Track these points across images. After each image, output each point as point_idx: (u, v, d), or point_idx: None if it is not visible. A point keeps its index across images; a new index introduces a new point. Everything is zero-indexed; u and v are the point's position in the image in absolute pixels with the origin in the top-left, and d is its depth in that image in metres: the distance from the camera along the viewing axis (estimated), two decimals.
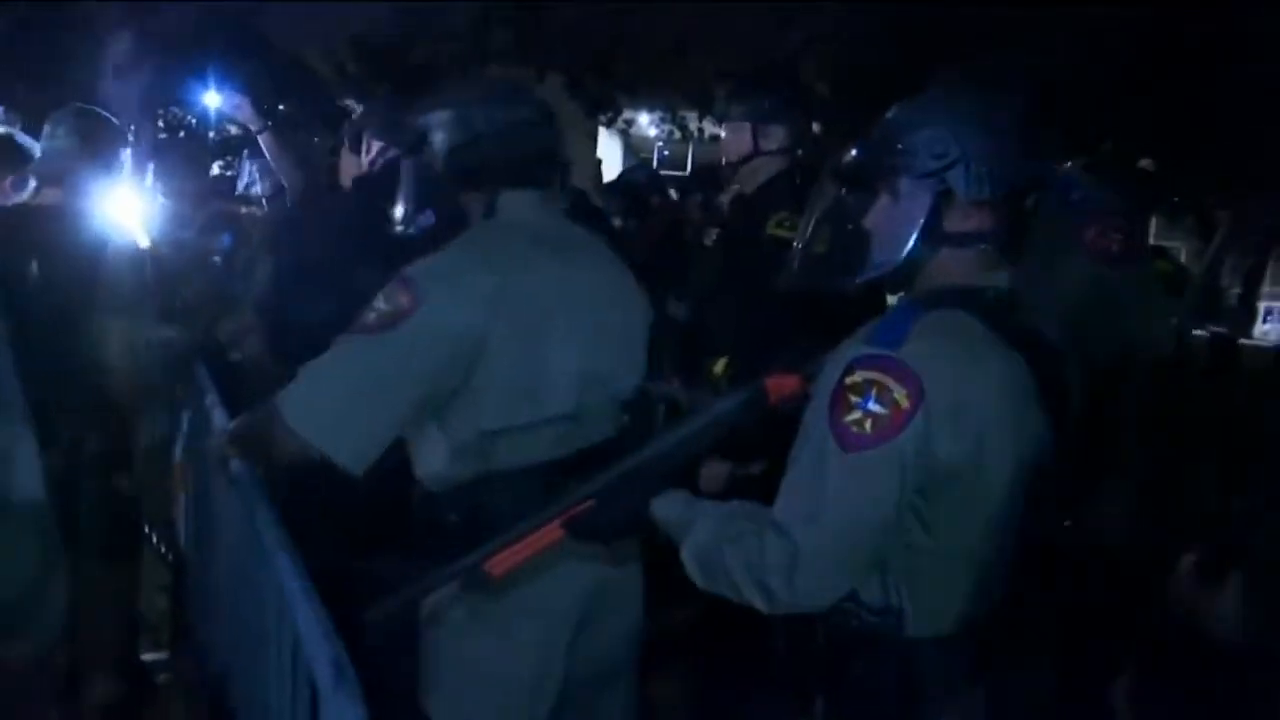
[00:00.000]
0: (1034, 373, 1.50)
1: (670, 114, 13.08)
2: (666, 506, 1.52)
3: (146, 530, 3.81)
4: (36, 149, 3.48)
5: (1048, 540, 1.63)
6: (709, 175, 5.40)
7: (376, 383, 1.79)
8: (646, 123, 14.33)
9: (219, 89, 4.50)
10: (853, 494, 1.40)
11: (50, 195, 3.09)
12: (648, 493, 1.53)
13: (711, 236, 4.65)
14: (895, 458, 1.39)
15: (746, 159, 3.15)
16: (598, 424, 1.96)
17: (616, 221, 4.15)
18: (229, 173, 6.33)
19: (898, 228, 1.52)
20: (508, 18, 10.83)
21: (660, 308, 3.76)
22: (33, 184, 3.21)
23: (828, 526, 1.39)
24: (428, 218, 2.06)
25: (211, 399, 2.88)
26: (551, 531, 1.51)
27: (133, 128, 7.25)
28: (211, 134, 4.52)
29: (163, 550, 3.88)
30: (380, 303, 1.81)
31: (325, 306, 2.77)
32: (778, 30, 9.75)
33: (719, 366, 2.95)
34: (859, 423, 1.40)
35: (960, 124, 1.51)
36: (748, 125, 3.13)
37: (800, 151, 3.20)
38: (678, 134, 13.37)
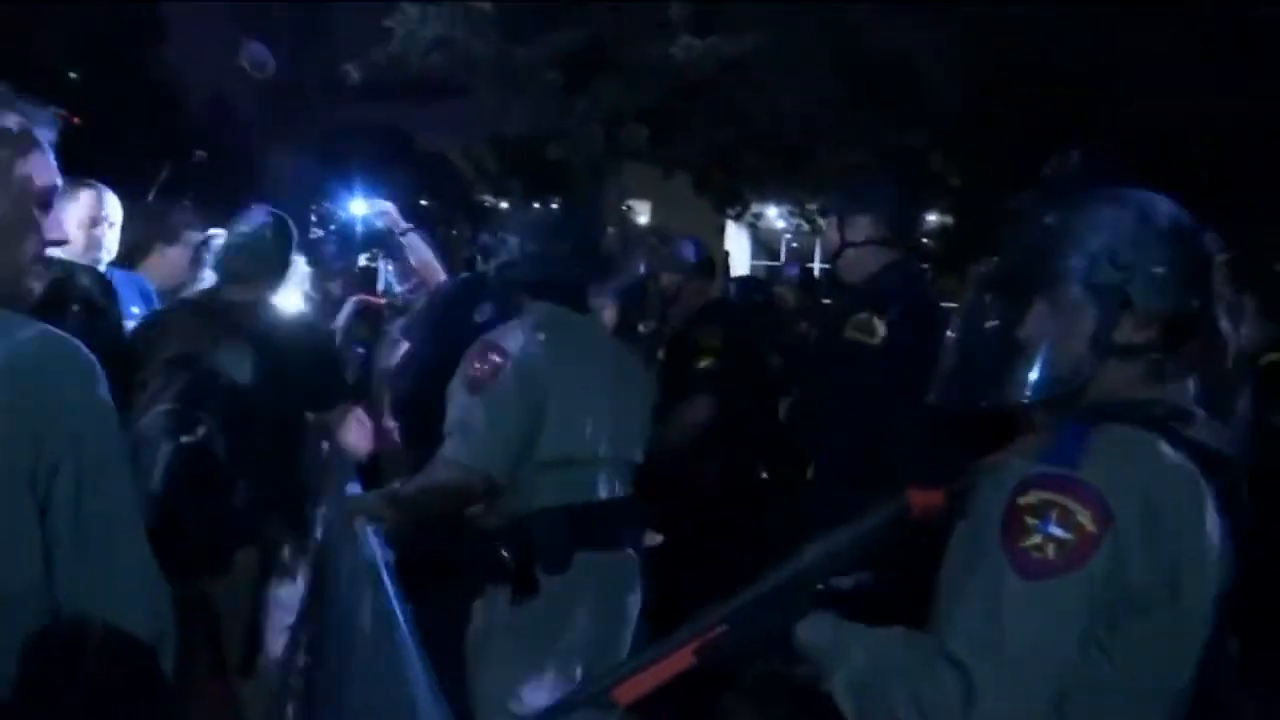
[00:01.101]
0: (1213, 490, 1.39)
1: (798, 207, 13.14)
2: (813, 630, 1.45)
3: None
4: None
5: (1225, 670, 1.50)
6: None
7: (494, 419, 2.44)
8: (774, 216, 14.43)
9: (366, 195, 4.79)
10: (1036, 625, 1.29)
11: (239, 291, 3.17)
12: (786, 615, 1.46)
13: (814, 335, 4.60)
14: (1083, 586, 1.29)
15: (836, 254, 3.10)
16: (620, 478, 2.59)
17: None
18: (373, 264, 6.64)
19: (1065, 340, 1.43)
20: (639, 117, 11.13)
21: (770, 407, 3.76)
22: (208, 275, 3.43)
23: (1007, 661, 1.29)
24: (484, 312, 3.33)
25: (353, 485, 3.02)
26: (682, 658, 1.45)
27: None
28: (358, 229, 4.78)
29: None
30: (475, 364, 2.46)
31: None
32: (905, 123, 9.75)
33: (809, 471, 2.94)
34: (1039, 548, 1.30)
35: (1139, 229, 1.43)
36: (835, 218, 3.13)
37: (918, 243, 3.16)
38: (806, 227, 13.39)
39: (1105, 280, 1.41)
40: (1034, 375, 1.45)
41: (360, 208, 5.17)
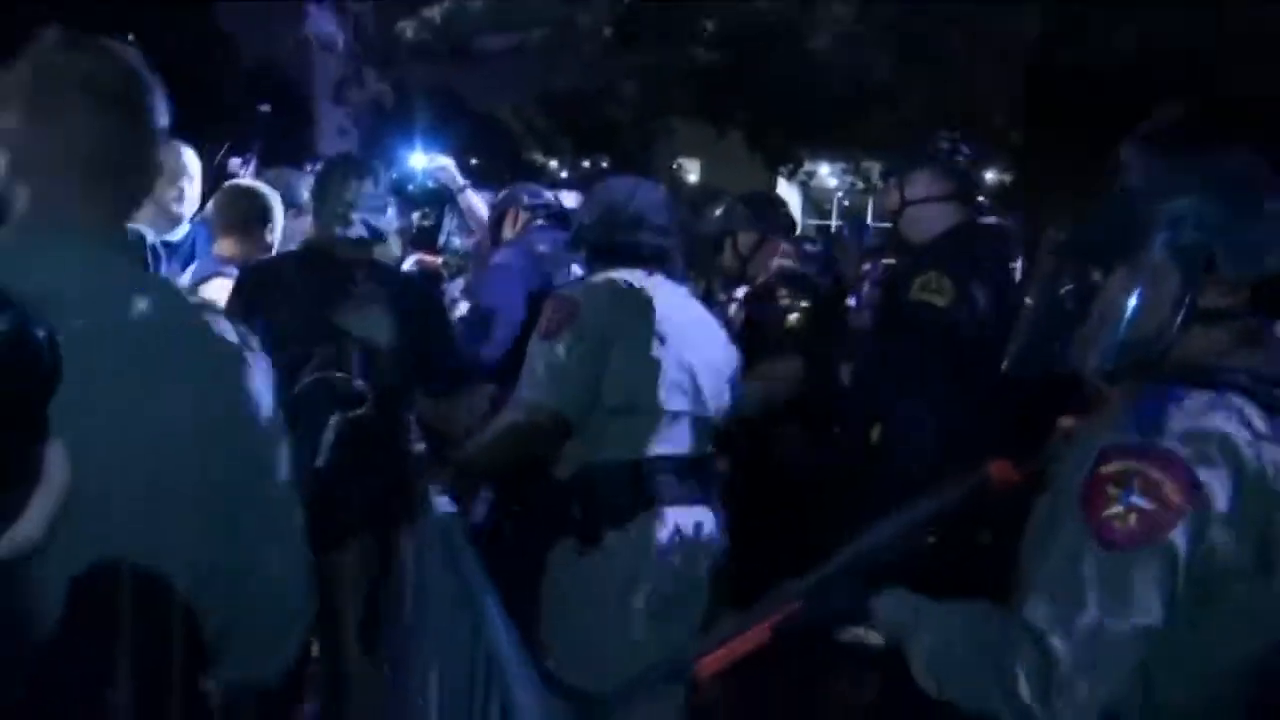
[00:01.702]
0: None
1: (851, 165, 12.97)
2: (891, 605, 1.45)
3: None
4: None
5: None
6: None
7: (562, 365, 2.45)
8: (827, 174, 14.27)
9: (425, 151, 4.81)
10: (1118, 596, 1.27)
11: (351, 245, 2.85)
12: (862, 589, 1.47)
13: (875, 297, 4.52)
14: (1166, 557, 1.25)
15: (897, 212, 3.01)
16: (697, 435, 2.57)
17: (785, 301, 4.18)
18: (426, 223, 6.68)
19: (1147, 305, 1.38)
20: (690, 75, 11.03)
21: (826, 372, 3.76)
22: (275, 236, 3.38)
23: (1089, 633, 1.26)
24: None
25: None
26: (760, 634, 1.48)
27: None
28: (410, 187, 4.77)
29: None
30: (550, 312, 2.52)
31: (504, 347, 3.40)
32: (963, 78, 9.55)
33: (875, 433, 2.88)
34: (1121, 518, 1.26)
35: (1228, 188, 1.37)
36: (894, 178, 3.02)
37: (977, 199, 3.05)
38: (860, 185, 13.23)
39: (1188, 243, 1.36)
40: (1114, 341, 1.41)
41: (418, 163, 5.18)
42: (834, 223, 18.43)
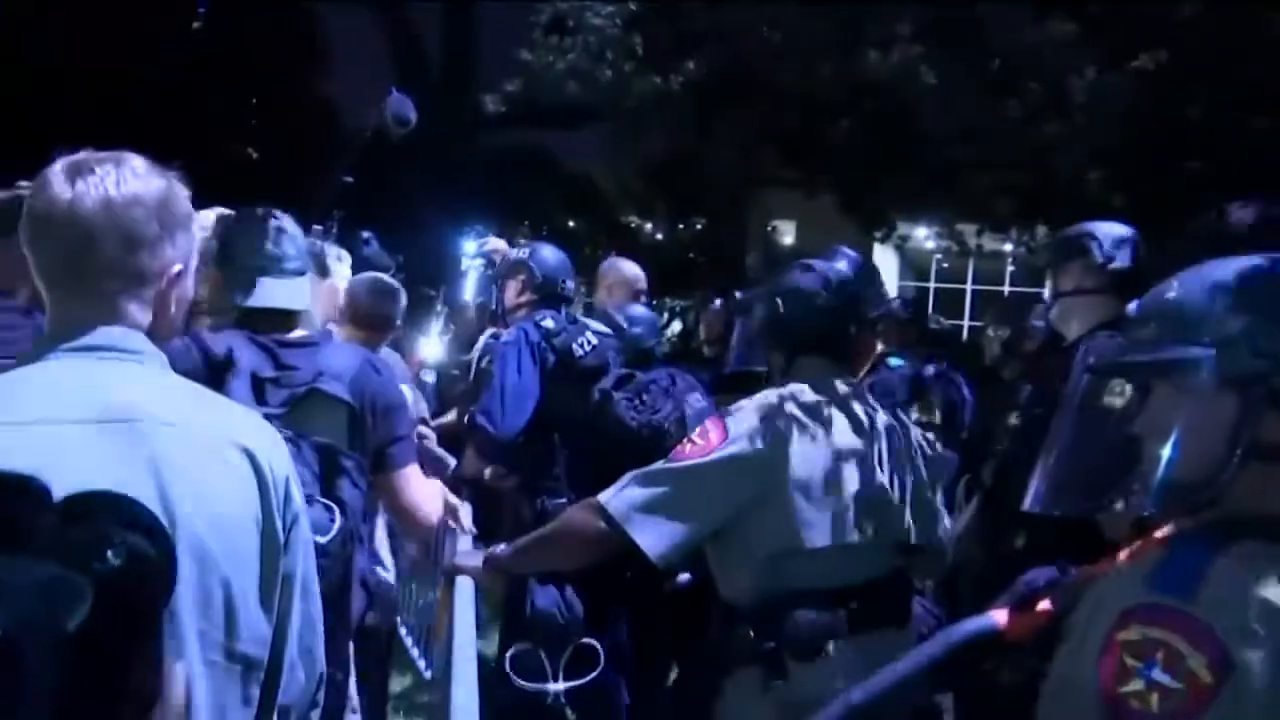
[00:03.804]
0: None
1: (947, 228, 12.60)
2: None
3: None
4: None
5: None
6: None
7: (688, 498, 2.17)
8: (923, 237, 13.91)
9: (498, 232, 4.82)
10: None
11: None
12: None
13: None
14: None
15: (1050, 305, 2.97)
16: (875, 561, 2.30)
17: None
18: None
19: (1196, 437, 1.19)
20: (779, 139, 10.90)
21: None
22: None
23: None
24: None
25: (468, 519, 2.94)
26: None
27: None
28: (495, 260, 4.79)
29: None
30: (696, 436, 2.25)
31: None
32: (1061, 143, 9.15)
33: (1019, 540, 2.69)
34: (1141, 698, 1.08)
35: None
36: (1050, 269, 2.95)
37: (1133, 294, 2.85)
38: (955, 248, 12.82)
39: (1248, 370, 1.16)
40: (1158, 480, 1.21)
41: (492, 245, 5.18)
42: (932, 285, 17.97)
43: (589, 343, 3.63)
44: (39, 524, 0.70)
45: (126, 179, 1.31)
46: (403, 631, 4.26)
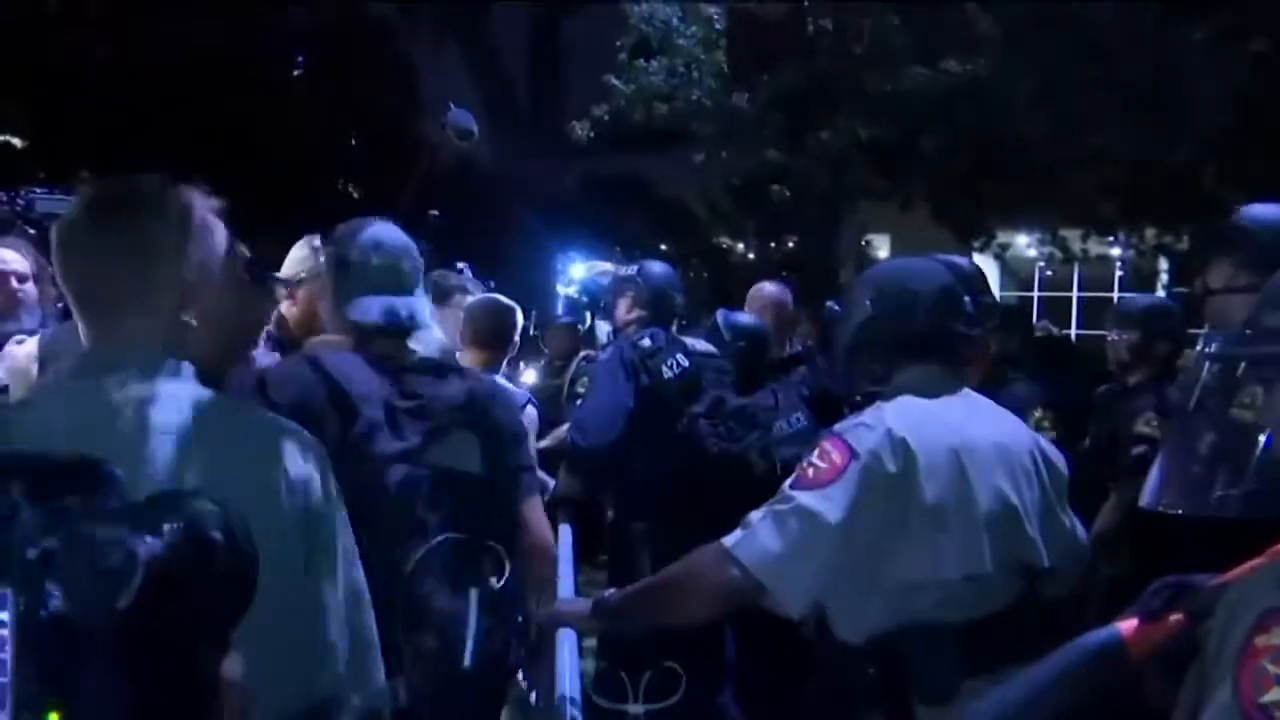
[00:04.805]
0: None
1: (1050, 235, 12.21)
2: None
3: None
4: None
5: None
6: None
7: (820, 535, 1.91)
8: (1024, 244, 13.51)
9: (592, 256, 4.86)
10: None
11: None
12: None
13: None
14: None
15: (1201, 301, 2.77)
16: (1006, 588, 2.01)
17: None
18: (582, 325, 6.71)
19: None
20: (869, 151, 10.75)
21: None
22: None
23: None
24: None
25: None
26: None
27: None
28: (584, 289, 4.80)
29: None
30: (815, 459, 1.96)
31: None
32: (1169, 138, 8.80)
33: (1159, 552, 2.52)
34: None
35: None
36: (1209, 260, 2.81)
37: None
38: (1059, 255, 12.42)
39: None
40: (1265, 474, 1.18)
41: (580, 271, 5.20)
42: (1036, 294, 17.43)
43: (679, 364, 3.57)
44: (105, 507, 0.70)
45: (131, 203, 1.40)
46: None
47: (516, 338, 3.72)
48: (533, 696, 3.34)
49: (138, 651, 0.66)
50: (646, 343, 3.56)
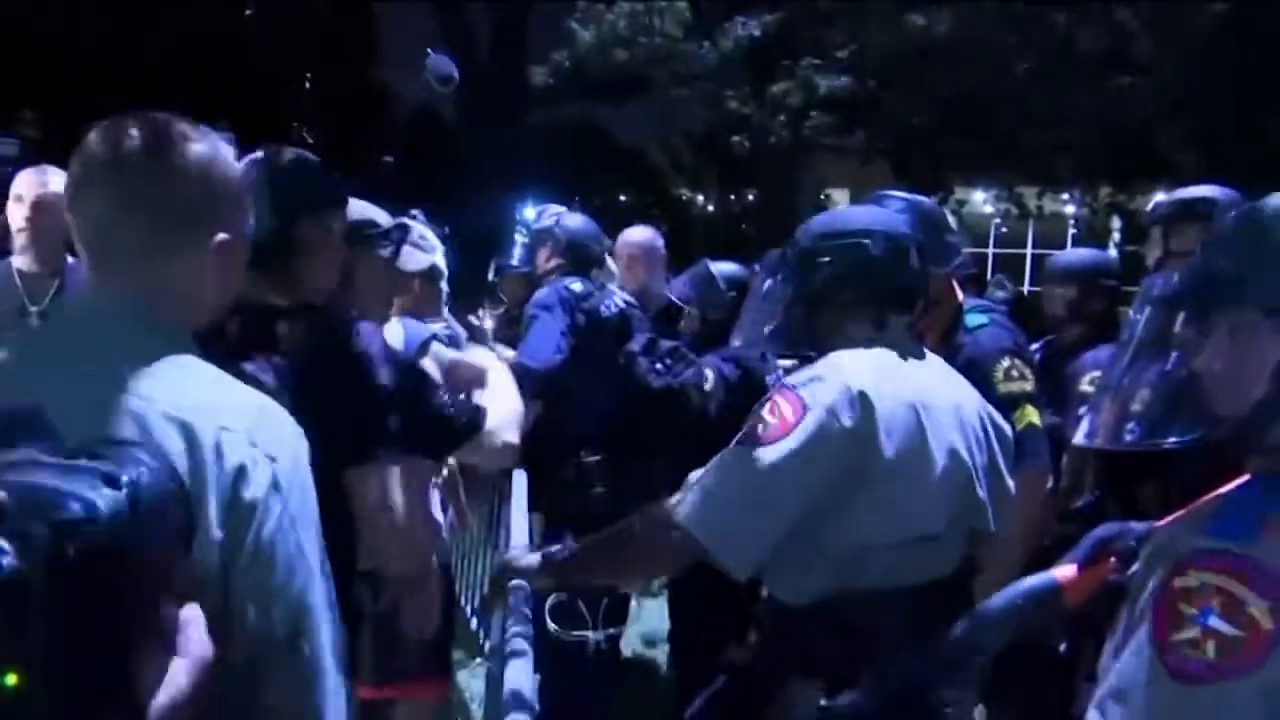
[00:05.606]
0: None
1: (1006, 191, 12.32)
2: None
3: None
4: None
5: None
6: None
7: (767, 494, 1.81)
8: (981, 201, 13.63)
9: (555, 199, 4.81)
10: None
11: None
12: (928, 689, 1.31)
13: None
14: (1253, 695, 1.02)
15: (1158, 265, 2.74)
16: (953, 552, 1.94)
17: None
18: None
19: (1240, 374, 1.16)
20: (830, 105, 10.73)
21: None
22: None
23: None
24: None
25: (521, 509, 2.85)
26: None
27: None
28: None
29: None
30: (765, 413, 1.83)
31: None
32: (1121, 98, 8.88)
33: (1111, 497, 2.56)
34: (1196, 644, 1.05)
35: None
36: (1160, 226, 2.79)
37: None
38: (1015, 211, 12.55)
39: None
40: (1193, 415, 1.21)
41: (534, 218, 5.16)
42: (991, 251, 17.59)
43: (614, 305, 3.63)
44: (50, 458, 0.70)
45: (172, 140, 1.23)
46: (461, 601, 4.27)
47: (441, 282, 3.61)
48: (486, 645, 3.35)
49: (92, 606, 0.66)
50: (578, 286, 3.61)
